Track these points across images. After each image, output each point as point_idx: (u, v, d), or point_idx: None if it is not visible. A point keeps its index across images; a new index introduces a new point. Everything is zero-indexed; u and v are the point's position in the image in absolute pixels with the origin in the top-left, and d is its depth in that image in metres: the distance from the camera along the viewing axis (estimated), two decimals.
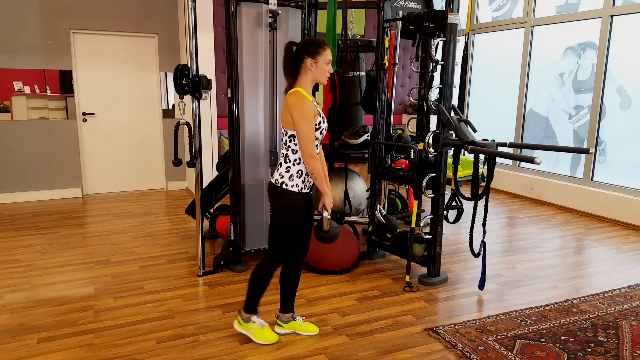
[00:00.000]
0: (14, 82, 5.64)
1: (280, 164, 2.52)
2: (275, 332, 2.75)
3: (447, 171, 3.46)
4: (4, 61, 5.56)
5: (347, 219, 4.37)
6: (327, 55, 2.46)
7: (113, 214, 5.32)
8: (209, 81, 3.42)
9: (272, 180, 2.52)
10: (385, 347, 2.66)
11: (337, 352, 2.60)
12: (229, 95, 3.58)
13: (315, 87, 4.43)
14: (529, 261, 4.02)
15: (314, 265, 3.69)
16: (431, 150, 3.35)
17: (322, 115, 2.52)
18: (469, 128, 3.23)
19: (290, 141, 2.48)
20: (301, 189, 2.50)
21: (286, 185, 2.48)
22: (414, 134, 4.14)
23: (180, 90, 3.37)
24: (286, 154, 2.50)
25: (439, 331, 2.80)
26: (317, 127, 2.46)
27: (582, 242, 4.53)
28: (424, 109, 3.60)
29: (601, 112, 5.44)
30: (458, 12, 3.22)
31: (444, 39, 3.22)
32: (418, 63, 3.94)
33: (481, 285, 3.39)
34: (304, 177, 2.51)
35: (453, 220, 3.69)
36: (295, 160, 2.49)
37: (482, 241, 3.34)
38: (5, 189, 5.80)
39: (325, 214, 2.60)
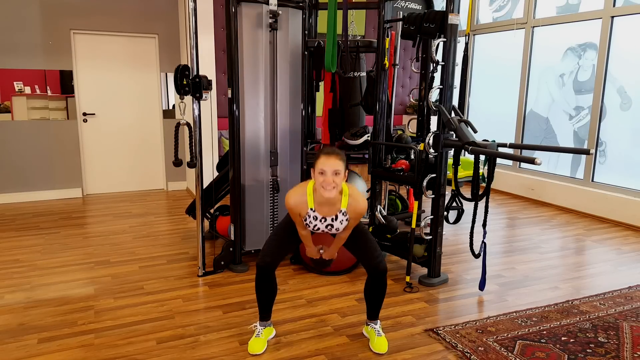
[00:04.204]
0: (15, 83, 5.64)
1: None
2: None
3: (448, 172, 3.46)
4: (5, 61, 5.56)
5: None
6: (319, 164, 2.34)
7: (113, 215, 5.33)
8: (210, 82, 3.42)
9: None
10: None
11: (337, 353, 2.59)
12: (230, 95, 3.59)
13: (316, 87, 4.43)
14: (529, 262, 4.01)
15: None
16: (431, 150, 3.35)
17: (312, 215, 2.49)
18: (469, 129, 3.22)
19: None
20: None
21: None
22: (415, 135, 4.14)
23: (181, 91, 3.37)
24: None
25: (440, 332, 2.80)
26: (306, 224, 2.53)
27: (583, 243, 4.53)
28: (425, 109, 3.60)
29: (602, 113, 5.44)
30: (458, 12, 3.22)
31: (445, 39, 3.22)
32: (418, 64, 3.93)
33: (481, 286, 3.39)
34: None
35: (453, 221, 3.69)
36: None
37: (483, 242, 3.34)
38: (6, 189, 5.80)
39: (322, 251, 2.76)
